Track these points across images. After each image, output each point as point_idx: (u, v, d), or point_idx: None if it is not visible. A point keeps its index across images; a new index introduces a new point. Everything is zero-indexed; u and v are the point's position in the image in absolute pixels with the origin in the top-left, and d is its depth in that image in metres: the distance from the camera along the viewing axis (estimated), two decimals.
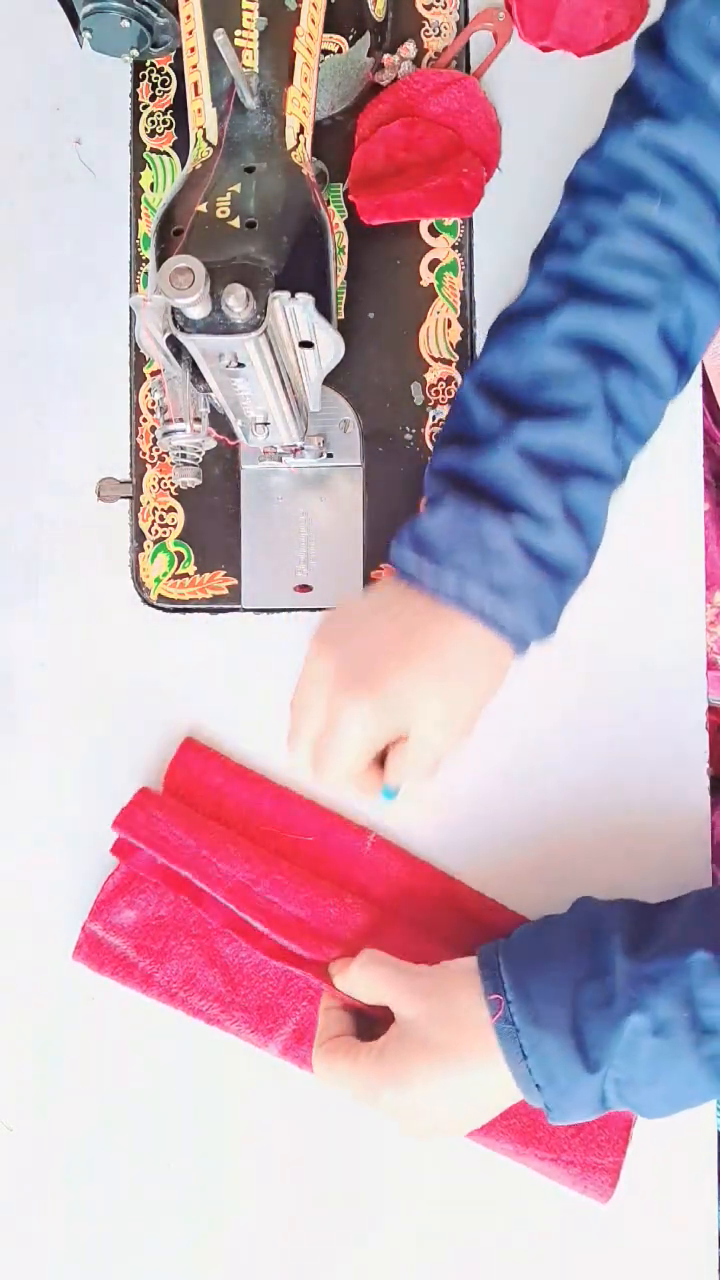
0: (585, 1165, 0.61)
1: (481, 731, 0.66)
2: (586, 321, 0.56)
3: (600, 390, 0.56)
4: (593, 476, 0.56)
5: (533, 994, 0.55)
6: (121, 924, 0.64)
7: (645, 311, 0.56)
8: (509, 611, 0.55)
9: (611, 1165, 0.61)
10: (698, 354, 0.60)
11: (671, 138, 0.56)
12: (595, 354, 0.56)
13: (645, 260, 0.56)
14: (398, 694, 0.55)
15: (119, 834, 0.64)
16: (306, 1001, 0.63)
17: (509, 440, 0.55)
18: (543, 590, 0.56)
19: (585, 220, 0.58)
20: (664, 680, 0.66)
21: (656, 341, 0.57)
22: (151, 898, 0.64)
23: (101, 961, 0.64)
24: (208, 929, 0.64)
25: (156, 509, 0.68)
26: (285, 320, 0.52)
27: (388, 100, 0.68)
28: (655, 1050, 0.53)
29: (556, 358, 0.56)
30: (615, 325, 0.56)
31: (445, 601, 0.55)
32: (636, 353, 0.57)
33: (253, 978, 0.64)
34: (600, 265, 0.57)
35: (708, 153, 0.56)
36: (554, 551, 0.56)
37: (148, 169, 0.70)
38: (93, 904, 0.64)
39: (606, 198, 0.57)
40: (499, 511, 0.55)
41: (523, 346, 0.57)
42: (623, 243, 0.56)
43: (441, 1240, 0.63)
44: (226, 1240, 0.64)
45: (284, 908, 0.63)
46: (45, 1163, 0.65)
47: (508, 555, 0.55)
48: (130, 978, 0.64)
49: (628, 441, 0.58)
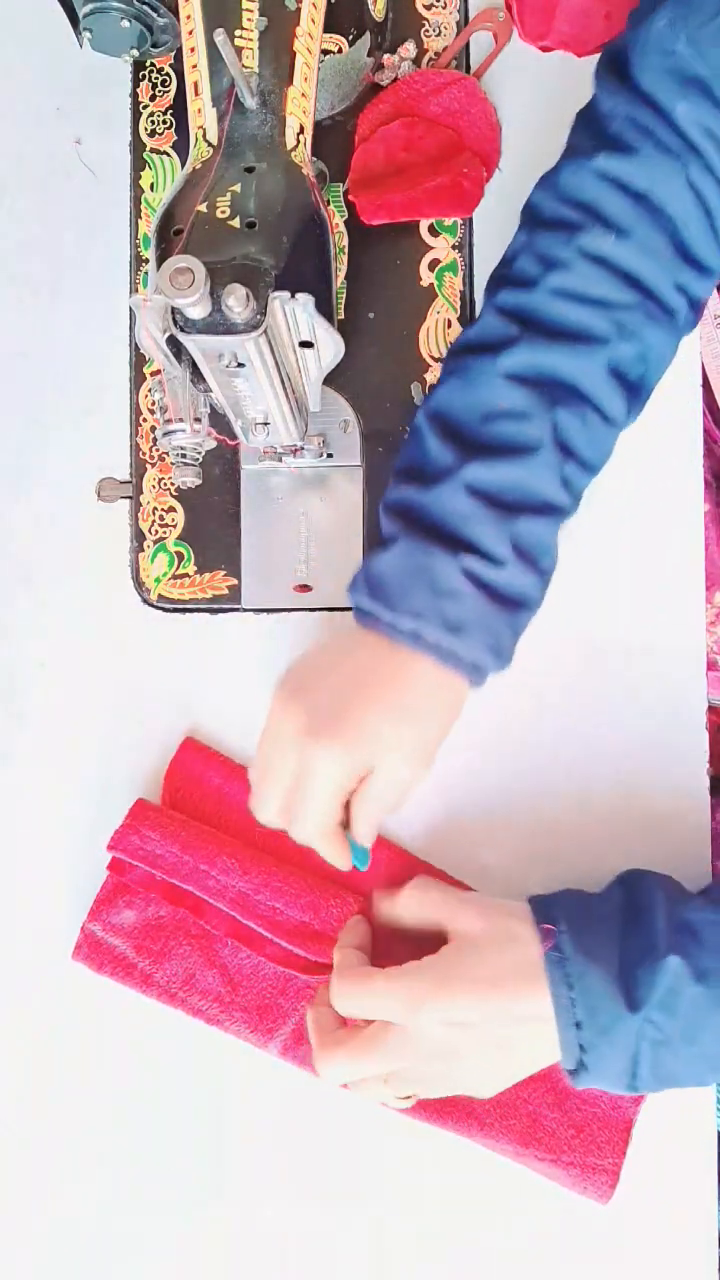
0: (585, 1166, 0.61)
1: (481, 731, 0.66)
2: (538, 358, 0.56)
3: (550, 426, 0.56)
4: (542, 511, 0.57)
5: (581, 929, 0.56)
6: (121, 924, 0.64)
7: (598, 347, 0.56)
8: (463, 648, 0.55)
9: (611, 1166, 0.61)
10: (652, 383, 0.60)
11: (628, 169, 0.56)
12: (546, 390, 0.56)
13: (599, 296, 0.56)
14: (365, 734, 0.55)
15: (114, 854, 0.64)
16: (306, 1001, 0.63)
17: (459, 478, 0.56)
18: (496, 624, 0.56)
19: (539, 253, 0.57)
20: (664, 680, 0.66)
21: (608, 376, 0.57)
22: (151, 898, 0.64)
23: (101, 961, 0.64)
24: (206, 930, 0.64)
25: (156, 509, 0.68)
26: (285, 320, 0.52)
27: (388, 100, 0.68)
28: (695, 1000, 0.53)
29: (507, 394, 0.56)
30: (567, 361, 0.56)
31: (401, 642, 0.56)
32: (588, 388, 0.57)
33: (252, 978, 0.64)
34: (553, 300, 0.56)
35: (664, 184, 0.56)
36: (505, 585, 0.56)
37: (148, 169, 0.70)
38: (91, 904, 0.64)
39: (561, 230, 0.57)
40: (449, 549, 0.55)
41: (475, 381, 0.57)
42: (576, 277, 0.56)
43: (441, 1240, 0.63)
44: (226, 1241, 0.64)
45: (286, 913, 0.63)
46: (44, 1162, 0.65)
47: (460, 593, 0.55)
48: (130, 978, 0.64)
49: (577, 474, 0.58)
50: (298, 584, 0.68)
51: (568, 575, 0.67)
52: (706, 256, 0.58)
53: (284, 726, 0.57)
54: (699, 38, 0.54)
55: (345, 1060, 0.57)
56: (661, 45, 0.55)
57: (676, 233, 0.57)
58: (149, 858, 0.63)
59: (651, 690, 0.66)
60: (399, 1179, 0.64)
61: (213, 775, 0.66)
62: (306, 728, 0.55)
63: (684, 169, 0.56)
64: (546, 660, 0.67)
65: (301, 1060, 0.63)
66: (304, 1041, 0.63)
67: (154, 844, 0.63)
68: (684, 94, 0.55)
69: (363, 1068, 0.57)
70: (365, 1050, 0.57)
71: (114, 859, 0.64)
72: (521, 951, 0.56)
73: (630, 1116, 0.62)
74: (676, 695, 0.66)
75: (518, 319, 0.57)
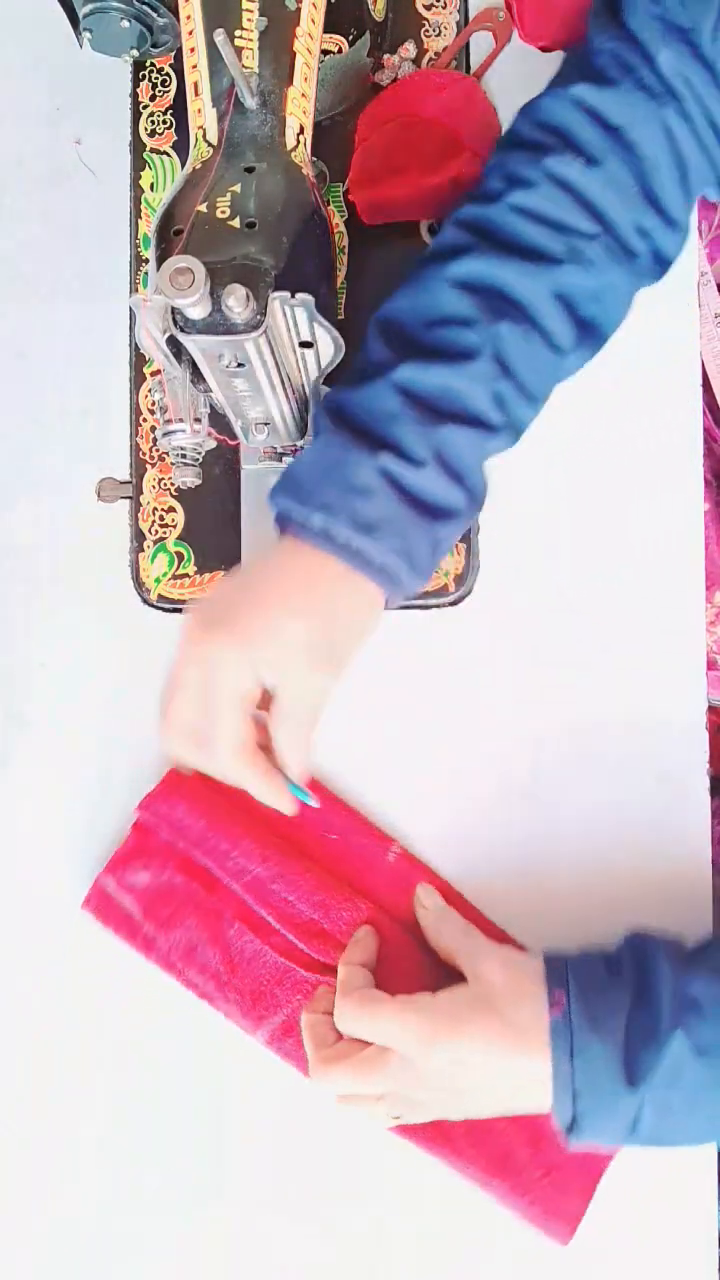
0: (548, 1207, 0.62)
1: (481, 732, 0.66)
2: (488, 269, 0.55)
3: (490, 338, 0.55)
4: (470, 423, 0.55)
5: (590, 999, 0.56)
6: (134, 884, 0.64)
7: (549, 267, 0.55)
8: (373, 549, 0.53)
9: (574, 1212, 0.62)
10: (607, 325, 0.58)
11: (605, 101, 0.56)
12: (491, 300, 0.55)
13: (558, 218, 0.56)
14: (260, 628, 0.52)
15: (140, 815, 0.64)
16: (301, 995, 0.63)
17: (390, 377, 0.54)
18: (410, 529, 0.54)
19: (507, 171, 0.57)
20: (664, 680, 0.66)
21: (556, 300, 0.56)
22: (167, 863, 0.65)
23: (108, 916, 0.64)
24: (216, 906, 0.64)
25: (156, 509, 0.68)
26: (285, 320, 0.52)
27: (387, 100, 0.68)
28: (698, 1074, 0.54)
29: (451, 300, 0.55)
30: (517, 277, 0.55)
31: (311, 540, 0.53)
32: (535, 307, 0.55)
33: (252, 962, 0.64)
34: (511, 215, 0.56)
35: (639, 124, 0.56)
36: (422, 489, 0.54)
37: (148, 169, 0.70)
38: (110, 858, 0.65)
39: (532, 151, 0.57)
40: (368, 447, 0.54)
41: (423, 286, 0.56)
42: (539, 197, 0.56)
43: (442, 1240, 0.63)
44: (225, 1240, 0.64)
45: (298, 906, 0.63)
46: (42, 1162, 0.65)
47: (373, 490, 0.53)
48: (133, 939, 0.64)
49: (514, 396, 0.56)
50: None
51: (568, 575, 0.67)
52: (672, 206, 0.58)
53: (183, 631, 0.54)
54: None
55: (344, 1077, 0.58)
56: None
57: (645, 175, 0.57)
58: (174, 826, 0.63)
59: (652, 690, 0.66)
60: (399, 1179, 0.63)
61: None
62: (202, 625, 0.53)
63: (660, 111, 0.56)
64: (546, 660, 0.67)
65: (286, 1053, 0.63)
66: (292, 1035, 0.63)
67: (181, 814, 0.64)
68: (667, 41, 0.55)
69: (360, 1086, 0.58)
70: (366, 1071, 0.57)
71: (139, 821, 0.64)
72: (532, 1010, 0.56)
73: (602, 1167, 0.62)
74: (676, 695, 0.66)
75: (474, 230, 0.57)
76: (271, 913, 0.63)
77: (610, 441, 0.67)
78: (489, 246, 0.56)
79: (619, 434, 0.67)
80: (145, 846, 0.65)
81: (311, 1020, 0.61)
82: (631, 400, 0.67)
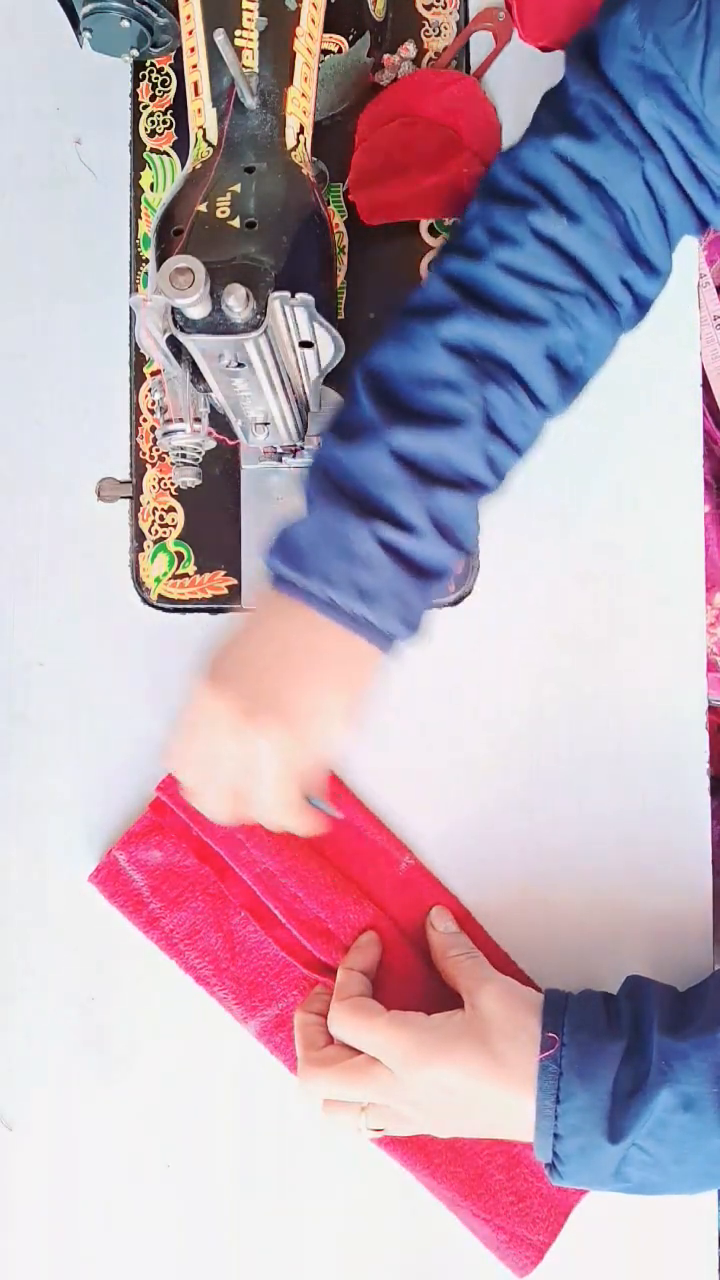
0: (514, 1236, 0.62)
1: (481, 732, 0.66)
2: (478, 331, 0.56)
3: (480, 401, 0.56)
4: (462, 486, 0.56)
5: (585, 1047, 0.56)
6: (145, 861, 0.65)
7: (538, 328, 0.56)
8: (376, 617, 0.55)
9: (540, 1244, 0.62)
10: (589, 374, 0.59)
11: (586, 155, 0.56)
12: (481, 364, 0.56)
13: (544, 277, 0.56)
14: (300, 710, 0.55)
15: (159, 795, 0.65)
16: (297, 992, 0.64)
17: (384, 440, 0.55)
18: (409, 594, 0.56)
19: (491, 226, 0.57)
20: (664, 680, 0.66)
21: (545, 360, 0.56)
22: (181, 845, 0.65)
23: (114, 891, 0.65)
24: (224, 893, 0.65)
25: (156, 509, 0.68)
26: (285, 320, 0.52)
27: (387, 100, 0.68)
28: (684, 1128, 0.54)
29: (443, 362, 0.56)
30: (505, 339, 0.56)
31: (316, 606, 0.55)
32: (522, 369, 0.56)
33: (253, 951, 0.64)
34: (499, 275, 0.56)
35: (620, 179, 0.56)
36: (418, 555, 0.55)
37: (148, 169, 0.70)
38: (123, 834, 0.65)
39: (516, 206, 0.57)
40: (363, 516, 0.55)
41: (413, 345, 0.57)
42: (525, 256, 0.56)
43: (442, 1239, 0.63)
44: (219, 1234, 0.64)
45: (306, 903, 0.63)
46: (41, 1163, 0.65)
47: (373, 560, 0.54)
48: (138, 915, 0.64)
49: (503, 454, 0.57)
50: None
51: (568, 576, 0.67)
52: (655, 255, 0.58)
53: (219, 715, 0.55)
54: (665, 37, 0.54)
55: (330, 1082, 0.58)
56: (629, 40, 0.55)
57: (627, 226, 0.57)
58: (191, 810, 0.63)
59: (652, 690, 0.66)
60: (398, 1177, 0.63)
61: None
62: (245, 713, 0.54)
63: (641, 164, 0.56)
64: (546, 660, 0.67)
65: (276, 1047, 0.64)
66: (284, 1029, 0.63)
67: None
68: (647, 91, 0.55)
69: (345, 1094, 0.58)
70: (351, 1080, 0.58)
71: (157, 800, 0.65)
72: (525, 1047, 0.57)
73: (573, 1202, 0.62)
74: (676, 695, 0.66)
75: (462, 288, 0.57)
76: (279, 906, 0.63)
77: (611, 443, 0.67)
78: (476, 306, 0.56)
79: (619, 436, 0.67)
80: (160, 826, 0.65)
81: (304, 1020, 0.61)
82: (632, 402, 0.67)
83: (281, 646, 0.56)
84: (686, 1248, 0.63)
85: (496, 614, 0.67)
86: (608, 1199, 0.63)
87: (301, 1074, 0.60)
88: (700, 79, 0.54)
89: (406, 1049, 0.57)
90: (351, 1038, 0.59)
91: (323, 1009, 0.61)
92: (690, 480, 0.67)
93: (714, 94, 0.54)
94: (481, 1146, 0.62)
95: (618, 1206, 0.63)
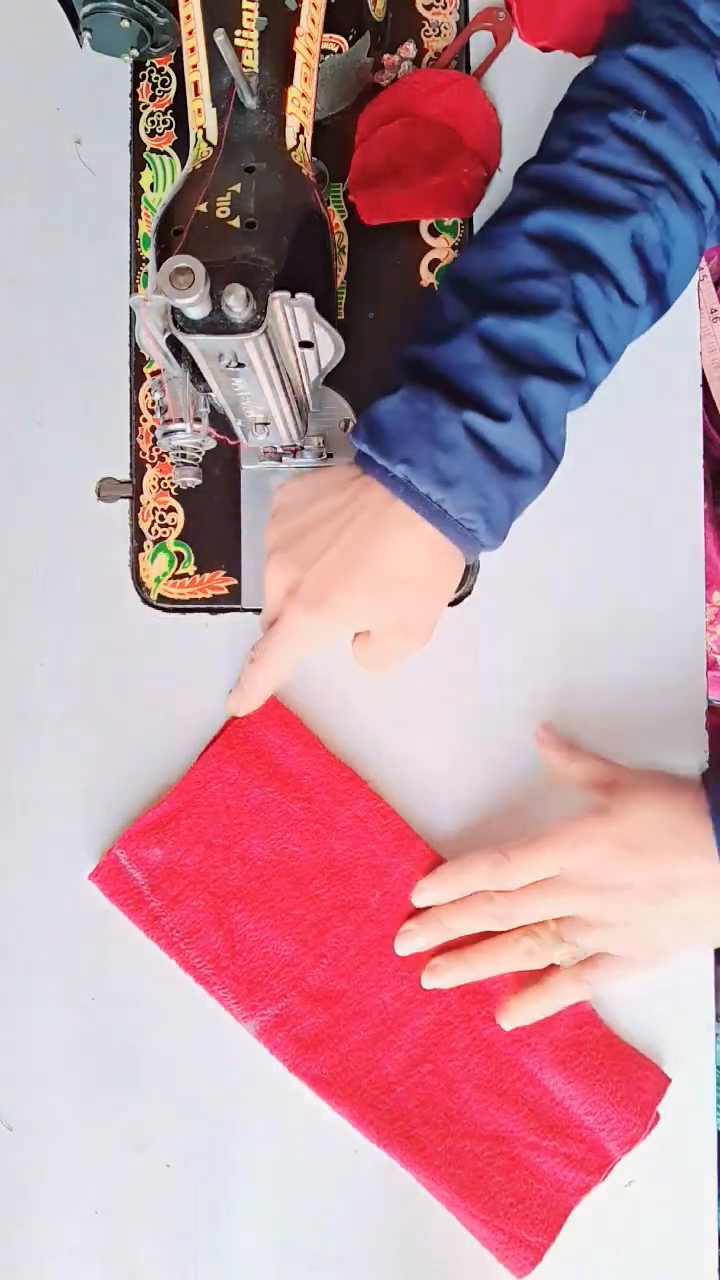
0: (513, 1237, 0.62)
1: (481, 732, 0.66)
2: (561, 220, 0.56)
3: (569, 289, 0.55)
4: (553, 375, 0.56)
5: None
6: (146, 859, 0.65)
7: (622, 217, 0.56)
8: (452, 504, 0.55)
9: (538, 1245, 0.62)
10: (676, 283, 0.59)
11: (662, 59, 0.57)
12: (566, 252, 0.56)
13: (626, 169, 0.56)
14: (350, 610, 0.56)
15: (171, 797, 0.65)
16: (296, 992, 0.64)
17: (471, 329, 0.55)
18: (489, 486, 0.55)
19: (570, 130, 0.58)
20: (664, 681, 0.66)
21: (631, 250, 0.56)
22: (182, 843, 0.65)
23: (115, 889, 0.65)
24: (225, 890, 0.64)
25: (156, 509, 0.68)
26: (285, 320, 0.52)
27: (387, 100, 0.68)
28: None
29: (527, 253, 0.56)
30: (591, 228, 0.56)
31: (391, 490, 0.55)
32: (609, 258, 0.56)
33: (254, 950, 0.64)
34: (580, 170, 0.56)
35: (697, 77, 0.57)
36: (505, 445, 0.55)
37: (148, 169, 0.70)
38: (125, 831, 0.65)
39: (594, 109, 0.57)
40: (453, 401, 0.54)
41: (496, 243, 0.57)
42: (606, 150, 0.56)
43: (442, 1239, 0.63)
44: (219, 1234, 0.64)
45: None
46: (41, 1163, 0.65)
47: (457, 444, 0.54)
48: (138, 914, 0.64)
49: (592, 350, 0.57)
50: None
51: (568, 575, 0.67)
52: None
53: (277, 581, 0.58)
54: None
55: (533, 899, 0.59)
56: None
57: (706, 125, 0.57)
58: (200, 811, 0.65)
59: (652, 691, 0.66)
60: (399, 1178, 0.64)
61: (273, 734, 0.66)
62: (299, 596, 0.56)
63: (715, 63, 0.57)
64: (547, 661, 0.67)
65: (275, 1046, 0.64)
66: (283, 1029, 0.63)
67: (211, 800, 0.65)
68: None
69: (554, 907, 0.59)
70: (552, 891, 0.59)
71: (165, 801, 0.65)
72: (690, 800, 0.58)
73: (571, 1204, 0.62)
74: (677, 695, 0.66)
75: (544, 187, 0.57)
76: (279, 897, 0.64)
77: (610, 442, 0.67)
78: (560, 201, 0.56)
79: (619, 436, 0.67)
80: (163, 823, 0.65)
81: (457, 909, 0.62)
82: (632, 402, 0.67)
83: (351, 531, 0.56)
84: (686, 1248, 0.63)
85: (496, 614, 0.67)
86: (607, 1199, 0.63)
87: (505, 915, 0.60)
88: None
89: (582, 824, 0.58)
90: (540, 863, 0.59)
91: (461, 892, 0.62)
92: (690, 480, 0.67)
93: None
94: (479, 1147, 0.62)
95: (617, 1207, 0.63)
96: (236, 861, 0.65)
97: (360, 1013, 0.64)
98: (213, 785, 0.65)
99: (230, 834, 0.65)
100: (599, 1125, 0.62)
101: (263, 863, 0.64)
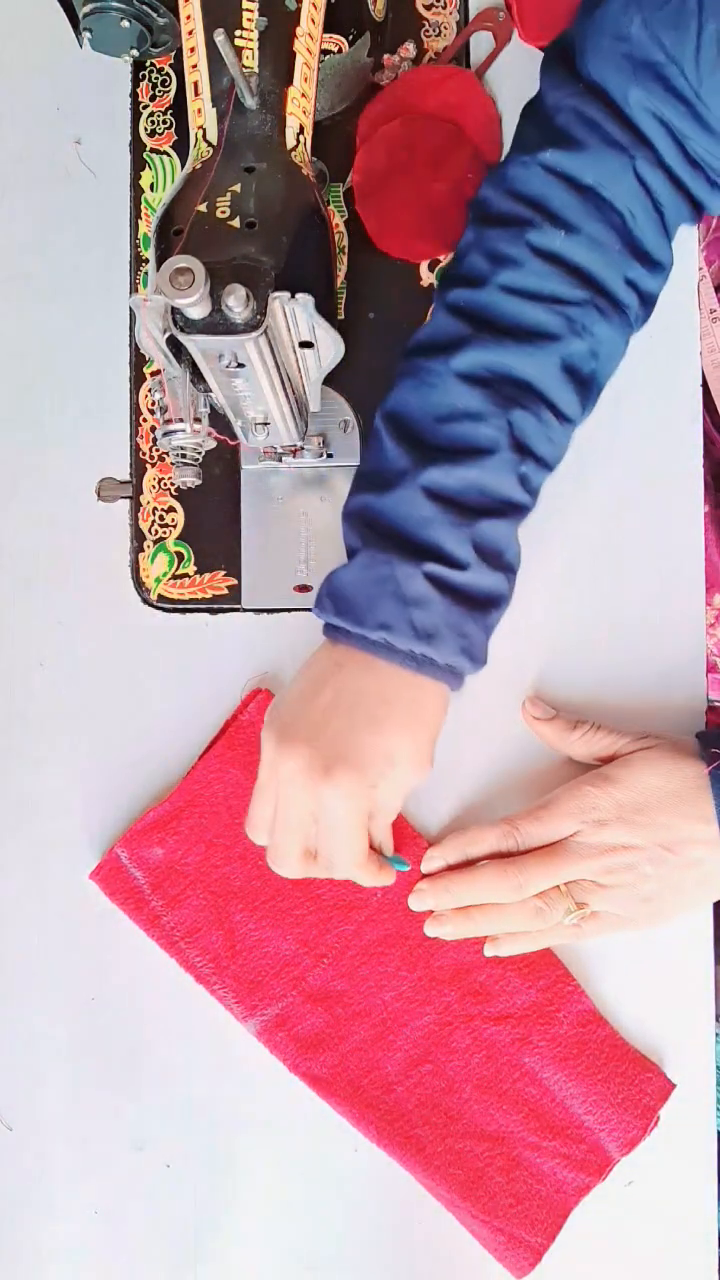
0: (512, 1237, 0.62)
1: (481, 733, 0.66)
2: (491, 357, 0.56)
3: (506, 429, 0.56)
4: (501, 512, 0.56)
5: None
6: (147, 859, 0.65)
7: (550, 344, 0.56)
8: (437, 654, 0.55)
9: (538, 1246, 0.62)
10: (604, 379, 0.60)
11: (577, 164, 0.56)
12: (500, 388, 0.56)
13: (550, 292, 0.56)
14: (369, 758, 0.55)
15: (171, 798, 0.65)
16: (296, 991, 0.64)
17: (416, 481, 0.55)
18: (466, 626, 0.56)
19: (489, 250, 0.57)
20: (664, 681, 0.66)
21: (562, 373, 0.57)
22: (183, 843, 0.65)
23: (115, 888, 0.65)
24: (226, 889, 0.65)
25: (156, 509, 0.68)
26: (285, 320, 0.52)
27: (387, 99, 0.68)
28: None
29: (461, 394, 0.56)
30: (520, 359, 0.56)
31: (374, 654, 0.56)
32: (542, 386, 0.56)
33: (254, 949, 0.64)
34: (504, 298, 0.56)
35: (615, 180, 0.56)
36: (470, 585, 0.56)
37: (148, 169, 0.70)
38: (127, 831, 0.65)
39: (510, 226, 0.56)
40: (411, 557, 0.55)
41: (429, 380, 0.57)
42: (527, 274, 0.56)
43: (442, 1240, 0.63)
44: (219, 1233, 0.64)
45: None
46: (41, 1164, 0.65)
47: (426, 597, 0.55)
48: (138, 913, 0.64)
49: (535, 472, 0.57)
50: (297, 584, 0.68)
51: (569, 577, 0.67)
52: (655, 250, 0.58)
53: (288, 771, 0.55)
54: (653, 21, 0.53)
55: (539, 865, 0.60)
56: (615, 30, 0.54)
57: (625, 227, 0.57)
58: (200, 810, 0.64)
59: (652, 692, 0.66)
60: (398, 1174, 0.64)
61: None
62: (312, 768, 0.55)
63: (631, 162, 0.56)
64: (547, 662, 0.67)
65: (275, 1046, 0.64)
66: (284, 1029, 0.63)
67: (211, 799, 0.65)
68: (636, 80, 0.54)
69: (562, 873, 0.60)
70: (557, 857, 0.60)
71: (165, 802, 0.65)
72: (691, 767, 0.60)
73: (571, 1205, 0.62)
74: (677, 696, 0.66)
75: (469, 317, 0.57)
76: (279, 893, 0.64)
77: (611, 443, 0.67)
78: (486, 333, 0.56)
79: (619, 436, 0.67)
80: (164, 823, 0.65)
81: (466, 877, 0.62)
82: (632, 402, 0.67)
83: (345, 697, 0.56)
84: (686, 1248, 0.63)
85: None
86: (607, 1200, 0.63)
87: (517, 887, 0.60)
88: (696, 58, 0.53)
89: (593, 780, 0.60)
90: (545, 831, 0.60)
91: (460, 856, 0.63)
92: (690, 480, 0.67)
93: (711, 72, 0.53)
94: (479, 1148, 0.62)
95: (617, 1207, 0.63)
96: (237, 861, 0.65)
97: (360, 1012, 0.64)
98: (214, 785, 0.65)
99: (231, 833, 0.65)
100: (599, 1126, 0.62)
101: (263, 862, 0.64)
